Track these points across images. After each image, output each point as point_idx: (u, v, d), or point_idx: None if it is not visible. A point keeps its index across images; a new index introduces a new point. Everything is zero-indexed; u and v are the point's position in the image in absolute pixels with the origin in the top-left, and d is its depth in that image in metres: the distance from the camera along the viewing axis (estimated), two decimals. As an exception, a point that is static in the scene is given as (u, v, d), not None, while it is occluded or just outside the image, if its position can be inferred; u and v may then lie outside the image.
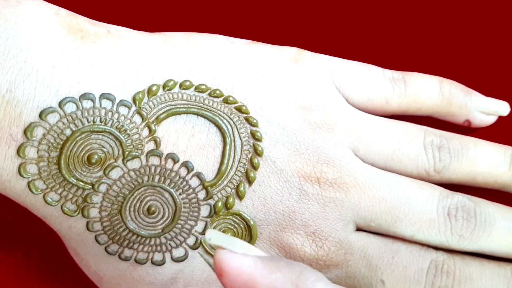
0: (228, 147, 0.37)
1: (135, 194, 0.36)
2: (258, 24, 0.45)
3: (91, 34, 0.37)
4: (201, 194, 0.37)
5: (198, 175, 0.37)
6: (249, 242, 0.37)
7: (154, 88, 0.37)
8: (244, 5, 0.46)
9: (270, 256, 0.30)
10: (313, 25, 0.46)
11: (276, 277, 0.29)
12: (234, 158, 0.37)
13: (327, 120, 0.39)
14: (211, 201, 0.37)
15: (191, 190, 0.37)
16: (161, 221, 0.37)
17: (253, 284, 0.29)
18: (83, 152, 0.35)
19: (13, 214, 0.42)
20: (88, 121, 0.35)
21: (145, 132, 0.36)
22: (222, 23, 0.45)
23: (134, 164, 0.36)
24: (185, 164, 0.36)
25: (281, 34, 0.45)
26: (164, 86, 0.37)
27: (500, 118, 0.43)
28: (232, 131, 0.37)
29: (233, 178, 0.37)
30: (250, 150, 0.38)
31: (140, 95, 0.36)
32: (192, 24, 0.44)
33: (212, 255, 0.37)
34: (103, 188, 0.36)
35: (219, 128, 0.37)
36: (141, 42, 0.38)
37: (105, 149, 0.36)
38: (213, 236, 0.30)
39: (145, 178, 0.36)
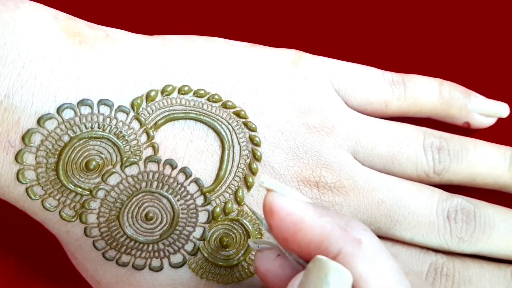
0: (226, 152, 0.37)
1: (133, 200, 0.36)
2: (257, 26, 0.45)
3: (90, 38, 0.37)
4: (199, 200, 0.37)
5: (196, 181, 0.37)
6: (248, 248, 0.37)
7: (153, 93, 0.36)
8: (244, 8, 0.46)
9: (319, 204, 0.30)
10: (312, 27, 0.45)
11: (325, 220, 0.30)
12: (232, 163, 0.37)
13: (326, 123, 0.39)
14: (209, 207, 0.37)
15: (189, 196, 0.37)
16: (159, 227, 0.37)
17: (301, 225, 0.30)
18: (81, 158, 0.35)
19: (13, 214, 0.42)
20: (86, 128, 0.35)
21: (143, 138, 0.36)
22: (221, 26, 0.45)
23: (132, 170, 0.36)
24: (183, 170, 0.36)
25: (280, 36, 0.45)
26: (162, 91, 0.37)
27: (500, 119, 0.43)
28: (231, 136, 0.37)
29: (232, 184, 0.37)
30: (248, 155, 0.37)
31: (139, 101, 0.36)
32: (191, 27, 0.44)
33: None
34: (101, 194, 0.36)
35: (218, 133, 0.37)
36: (140, 45, 0.38)
37: (103, 155, 0.36)
38: (266, 180, 0.31)
39: (143, 184, 0.36)
